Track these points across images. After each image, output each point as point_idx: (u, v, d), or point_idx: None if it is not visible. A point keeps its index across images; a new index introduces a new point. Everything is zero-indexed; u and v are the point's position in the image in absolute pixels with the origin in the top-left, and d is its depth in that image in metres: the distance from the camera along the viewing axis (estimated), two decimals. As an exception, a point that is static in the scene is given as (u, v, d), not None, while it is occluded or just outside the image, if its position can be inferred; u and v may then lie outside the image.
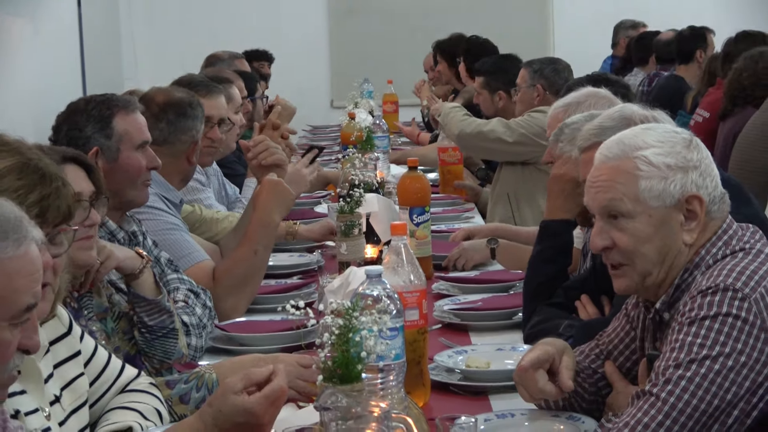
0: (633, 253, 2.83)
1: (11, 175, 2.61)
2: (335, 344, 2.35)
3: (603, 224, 2.86)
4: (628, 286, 2.90)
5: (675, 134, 2.87)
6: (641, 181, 2.80)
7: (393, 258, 3.22)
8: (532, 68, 6.53)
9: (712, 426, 2.67)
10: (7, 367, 2.24)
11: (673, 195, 2.80)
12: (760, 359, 2.67)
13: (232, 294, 4.16)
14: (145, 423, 2.95)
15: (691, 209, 2.81)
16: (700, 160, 2.83)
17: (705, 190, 2.82)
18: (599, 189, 2.86)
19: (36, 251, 2.24)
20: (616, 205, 2.82)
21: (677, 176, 2.80)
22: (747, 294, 2.69)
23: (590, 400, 3.09)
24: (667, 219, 2.82)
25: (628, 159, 2.82)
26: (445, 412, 2.95)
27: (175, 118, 4.56)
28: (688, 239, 2.82)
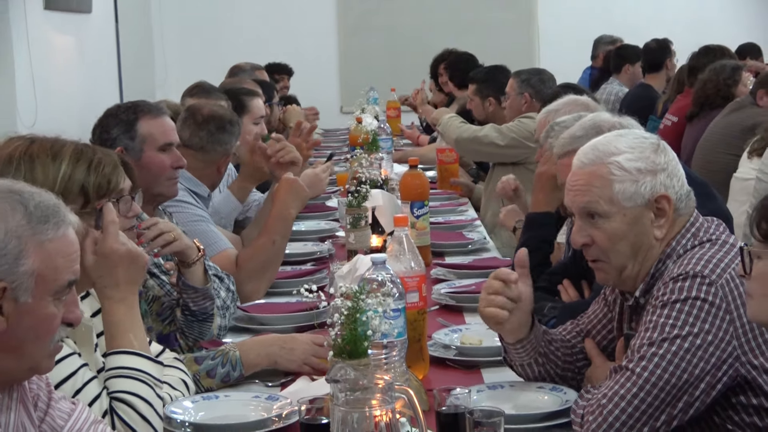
0: (609, 250, 2.84)
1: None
2: (344, 324, 2.35)
3: (582, 223, 2.86)
4: (606, 279, 2.91)
5: (644, 140, 2.87)
6: (615, 185, 2.80)
7: (396, 247, 3.22)
8: (520, 78, 6.53)
9: (681, 398, 2.67)
10: (53, 338, 2.25)
11: (644, 195, 2.80)
12: (724, 338, 2.67)
13: (253, 279, 4.16)
14: (174, 393, 2.95)
15: (661, 207, 2.81)
16: (667, 163, 2.84)
17: (672, 190, 2.82)
18: (577, 192, 2.86)
19: (73, 234, 2.25)
20: (593, 206, 2.82)
21: (647, 179, 2.80)
22: (713, 280, 2.69)
23: (564, 368, 3.08)
24: (639, 217, 2.82)
25: (602, 164, 2.82)
26: (442, 384, 2.95)
27: (215, 130, 4.59)
28: (658, 234, 2.83)
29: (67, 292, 2.24)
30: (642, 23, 10.83)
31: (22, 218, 2.16)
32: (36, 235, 2.17)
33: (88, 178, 2.73)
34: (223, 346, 3.31)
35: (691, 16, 11.15)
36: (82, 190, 2.72)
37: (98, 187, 2.74)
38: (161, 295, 3.58)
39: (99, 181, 2.75)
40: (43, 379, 2.37)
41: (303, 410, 2.76)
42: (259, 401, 3.02)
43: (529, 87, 6.42)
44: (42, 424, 2.36)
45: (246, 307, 3.98)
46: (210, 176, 4.64)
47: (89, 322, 2.83)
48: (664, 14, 11.18)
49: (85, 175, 2.73)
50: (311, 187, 4.61)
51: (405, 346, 2.86)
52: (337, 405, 2.29)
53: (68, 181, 2.70)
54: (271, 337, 3.41)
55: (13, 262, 2.14)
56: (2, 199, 2.17)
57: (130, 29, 9.18)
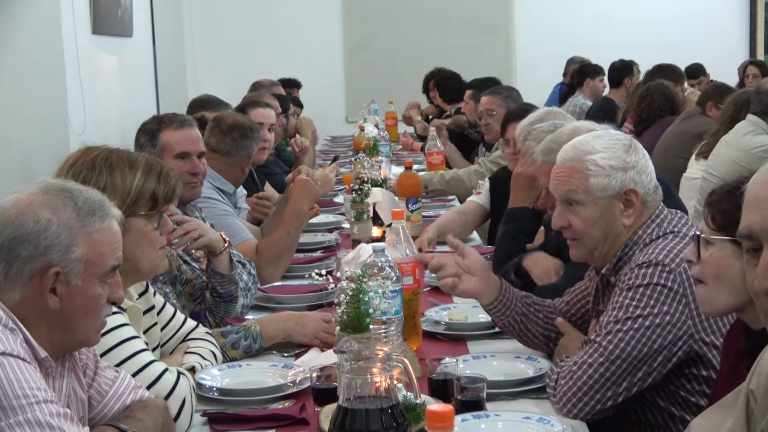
0: (583, 233, 2.86)
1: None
2: (349, 303, 2.35)
3: (562, 208, 2.88)
4: (580, 255, 2.93)
5: (618, 141, 2.88)
6: (590, 179, 2.81)
7: (393, 237, 3.22)
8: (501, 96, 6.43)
9: (641, 368, 2.67)
10: (100, 315, 2.25)
11: (615, 189, 2.81)
12: (680, 319, 2.68)
13: (271, 264, 4.15)
14: (204, 362, 2.96)
15: (629, 199, 2.83)
16: (637, 161, 2.85)
17: (641, 185, 2.83)
18: (559, 182, 2.88)
19: (116, 226, 2.26)
20: (571, 195, 2.84)
21: (618, 174, 2.81)
22: (673, 268, 2.70)
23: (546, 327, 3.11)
24: (609, 207, 2.83)
25: (580, 161, 2.84)
26: (433, 354, 2.96)
27: (238, 137, 4.60)
28: (626, 222, 2.84)
29: (112, 276, 2.24)
30: (608, 44, 10.79)
31: (72, 212, 2.17)
32: (84, 227, 2.17)
33: (158, 187, 2.74)
34: (246, 322, 3.31)
35: (650, 37, 11.12)
36: (152, 197, 2.73)
37: (165, 195, 2.76)
38: (193, 278, 3.59)
39: (166, 190, 2.76)
40: (90, 350, 2.37)
41: (314, 377, 2.77)
42: (276, 369, 3.02)
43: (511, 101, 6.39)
44: (90, 389, 2.37)
45: (265, 289, 3.97)
46: (235, 176, 4.65)
47: (137, 303, 2.84)
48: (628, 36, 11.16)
49: (155, 184, 2.74)
50: (321, 186, 4.62)
51: (401, 322, 2.86)
52: (343, 372, 2.28)
53: (142, 188, 2.71)
54: (286, 314, 3.41)
55: (65, 250, 2.14)
56: (55, 196, 2.18)
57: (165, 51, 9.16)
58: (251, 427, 2.60)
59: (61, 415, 2.05)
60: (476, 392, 2.60)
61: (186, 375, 2.67)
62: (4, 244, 2.12)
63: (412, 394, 2.43)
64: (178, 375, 2.63)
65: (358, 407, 2.25)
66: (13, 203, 2.16)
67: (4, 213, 2.14)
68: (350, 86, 11.70)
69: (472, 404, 2.58)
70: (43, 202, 2.16)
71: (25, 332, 2.13)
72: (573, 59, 10.53)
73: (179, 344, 3.03)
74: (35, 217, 2.13)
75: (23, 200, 2.16)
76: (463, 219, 5.03)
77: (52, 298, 2.15)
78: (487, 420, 2.51)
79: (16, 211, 2.14)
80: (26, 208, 2.14)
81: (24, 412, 2.00)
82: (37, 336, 2.15)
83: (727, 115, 6.12)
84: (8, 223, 2.13)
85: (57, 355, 2.23)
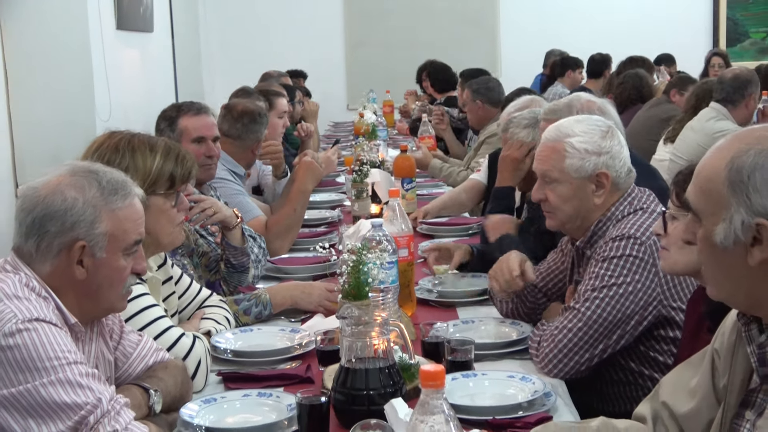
0: (557, 208, 2.86)
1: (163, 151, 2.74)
2: (350, 273, 2.34)
3: (541, 183, 2.89)
4: (553, 225, 2.93)
5: (597, 127, 2.86)
6: (566, 160, 2.81)
7: (390, 213, 3.21)
8: (471, 89, 6.46)
9: (615, 331, 2.68)
10: (125, 285, 2.25)
11: (588, 171, 2.81)
12: (650, 286, 2.69)
13: (279, 238, 4.14)
14: (219, 327, 2.96)
15: (600, 181, 2.82)
16: (611, 147, 2.83)
17: (613, 169, 2.82)
18: (540, 160, 2.89)
19: (138, 204, 2.26)
20: (549, 172, 2.84)
21: (592, 158, 2.81)
22: (643, 241, 2.70)
23: (530, 306, 3.11)
24: (582, 187, 2.82)
25: (559, 142, 2.83)
26: (426, 319, 2.95)
27: (248, 122, 4.58)
28: (597, 202, 2.83)
29: (135, 249, 2.24)
30: (583, 37, 10.77)
31: (97, 191, 2.16)
32: (107, 204, 2.17)
33: (176, 168, 2.74)
34: (257, 291, 3.31)
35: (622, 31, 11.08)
36: (170, 177, 2.72)
37: (182, 176, 2.76)
38: (208, 251, 3.58)
39: (183, 171, 2.76)
40: (116, 316, 2.37)
41: (318, 340, 2.77)
42: (284, 333, 3.02)
43: (479, 95, 6.38)
44: (116, 351, 2.37)
45: (274, 260, 3.97)
46: (246, 158, 4.64)
47: (157, 274, 2.84)
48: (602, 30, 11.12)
49: (173, 166, 2.73)
50: (324, 167, 4.62)
51: (397, 291, 2.86)
52: (345, 336, 2.28)
53: (161, 169, 2.71)
54: (293, 284, 3.41)
55: (90, 226, 2.14)
56: (82, 177, 2.18)
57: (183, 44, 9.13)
58: (262, 385, 2.60)
59: (90, 375, 2.06)
60: (465, 354, 2.60)
61: (201, 338, 2.67)
62: (35, 220, 2.13)
63: (407, 356, 2.43)
64: (194, 339, 2.64)
65: (358, 367, 2.25)
66: (43, 184, 2.17)
67: (36, 193, 2.15)
68: (351, 77, 11.67)
69: (462, 364, 2.58)
70: (70, 182, 2.16)
71: (56, 300, 2.14)
72: (552, 52, 10.52)
73: (196, 311, 3.03)
74: (63, 196, 2.13)
75: (53, 181, 2.16)
76: (465, 196, 5.02)
77: (79, 270, 2.15)
78: (474, 379, 2.51)
79: (46, 191, 2.14)
80: (55, 188, 2.15)
81: (56, 372, 2.00)
82: (67, 304, 2.15)
83: (691, 103, 6.14)
84: (39, 201, 2.13)
85: (86, 321, 2.23)
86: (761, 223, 1.63)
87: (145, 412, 2.23)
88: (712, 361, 1.92)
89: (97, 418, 2.01)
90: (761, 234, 1.63)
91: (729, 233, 1.66)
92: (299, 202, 4.26)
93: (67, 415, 2.00)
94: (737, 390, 1.79)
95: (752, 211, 1.63)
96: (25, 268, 2.14)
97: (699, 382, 1.94)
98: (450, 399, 1.69)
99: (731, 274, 1.70)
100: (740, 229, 1.64)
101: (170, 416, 2.32)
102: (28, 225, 2.13)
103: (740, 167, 1.65)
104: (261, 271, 3.78)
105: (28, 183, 2.22)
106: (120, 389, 2.21)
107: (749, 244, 1.65)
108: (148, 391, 2.27)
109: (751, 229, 1.63)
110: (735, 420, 1.79)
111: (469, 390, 2.44)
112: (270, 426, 2.26)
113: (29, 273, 2.13)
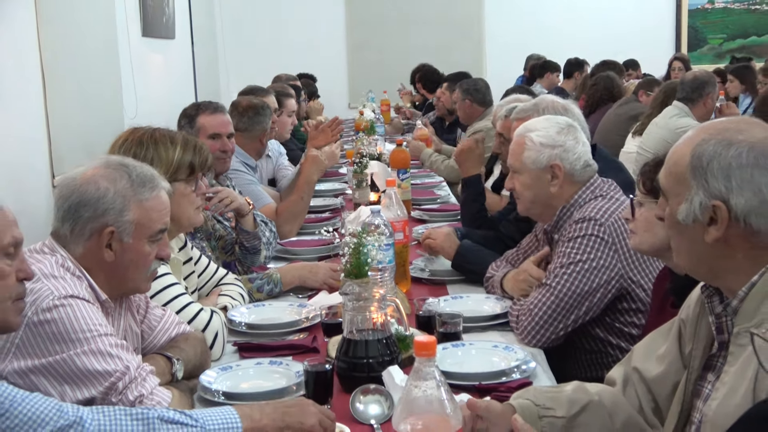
0: (521, 195, 2.90)
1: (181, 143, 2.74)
2: (351, 254, 2.33)
3: (510, 173, 2.92)
4: (521, 210, 2.96)
5: (556, 123, 2.88)
6: (525, 152, 2.84)
7: (387, 200, 3.20)
8: (461, 89, 6.44)
9: (583, 303, 2.69)
10: (149, 268, 2.24)
11: (543, 162, 2.83)
12: (611, 263, 2.70)
13: (288, 223, 4.14)
14: (234, 302, 2.96)
15: (554, 172, 2.84)
16: (565, 142, 2.84)
17: (566, 161, 2.84)
18: (509, 153, 2.92)
19: (165, 196, 2.24)
20: (514, 164, 2.89)
21: (546, 151, 2.83)
22: (603, 222, 2.71)
23: None
24: (539, 176, 2.85)
25: (522, 137, 2.87)
26: (420, 295, 2.96)
27: (253, 115, 4.58)
28: (553, 190, 2.85)
29: (160, 237, 2.23)
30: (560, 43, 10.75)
31: (127, 183, 2.16)
32: (136, 195, 2.16)
33: (194, 157, 2.73)
34: (268, 270, 3.31)
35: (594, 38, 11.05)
36: (189, 165, 2.72)
37: (200, 164, 2.75)
38: (224, 235, 3.58)
39: (201, 159, 2.75)
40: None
41: (323, 314, 2.77)
42: (293, 308, 3.02)
43: (468, 95, 6.36)
44: (142, 324, 2.36)
45: (283, 243, 3.96)
46: (255, 147, 4.63)
47: (178, 255, 2.83)
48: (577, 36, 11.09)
49: (192, 155, 2.73)
50: (328, 160, 4.61)
51: (393, 270, 2.85)
52: (347, 310, 2.28)
53: (181, 158, 2.71)
54: (301, 264, 3.41)
55: (119, 213, 2.14)
56: (114, 169, 2.18)
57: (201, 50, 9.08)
58: (272, 354, 2.60)
59: (119, 345, 2.05)
60: (454, 326, 2.60)
61: (218, 313, 2.67)
62: (71, 206, 2.13)
63: (403, 328, 2.43)
64: (212, 313, 2.64)
65: (359, 338, 2.25)
66: (80, 175, 2.17)
67: (73, 182, 2.16)
68: (352, 79, 11.64)
69: (451, 335, 2.58)
70: (103, 174, 2.16)
71: (89, 279, 2.14)
72: (531, 56, 10.54)
73: (213, 288, 3.03)
74: (96, 185, 2.13)
75: (88, 172, 2.17)
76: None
77: (107, 252, 2.15)
78: (463, 348, 2.51)
79: (81, 180, 2.15)
80: (90, 179, 2.15)
81: (88, 343, 2.00)
82: (98, 282, 2.15)
83: (657, 102, 6.16)
84: (74, 190, 2.14)
85: (115, 298, 2.23)
86: (717, 205, 1.64)
87: (169, 379, 2.23)
88: (679, 331, 1.93)
89: (125, 384, 2.01)
90: (717, 215, 1.65)
91: (690, 212, 1.68)
92: (305, 191, 4.26)
93: (99, 382, 2.00)
94: (700, 355, 1.80)
95: (709, 194, 1.65)
96: (61, 249, 2.14)
97: (667, 349, 1.95)
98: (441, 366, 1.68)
99: (693, 249, 1.72)
100: (699, 210, 1.66)
101: (191, 382, 2.32)
102: (65, 210, 2.14)
103: (701, 155, 1.66)
104: (272, 252, 3.77)
105: (66, 173, 2.23)
106: (146, 358, 2.20)
107: (706, 223, 1.67)
108: (171, 359, 2.27)
109: (708, 210, 1.65)
110: (698, 382, 1.80)
111: (458, 358, 2.44)
112: (280, 391, 2.26)
113: (64, 254, 2.13)
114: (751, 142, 1.64)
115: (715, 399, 1.67)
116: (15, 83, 4.08)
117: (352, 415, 2.10)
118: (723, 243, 1.66)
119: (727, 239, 1.65)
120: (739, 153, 1.63)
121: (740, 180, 1.62)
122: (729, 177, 1.63)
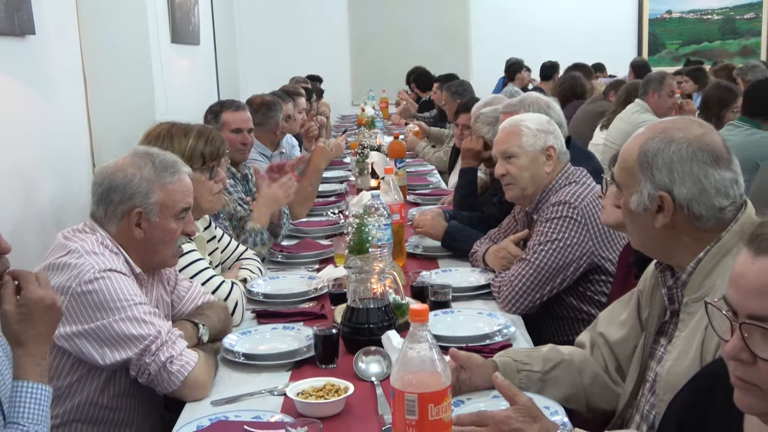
0: (516, 177, 2.85)
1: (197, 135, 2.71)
2: (355, 233, 2.33)
3: (501, 161, 2.88)
4: (512, 195, 2.91)
5: (542, 117, 2.91)
6: (523, 137, 2.82)
7: (385, 186, 3.20)
8: (450, 91, 6.40)
9: (558, 275, 2.68)
10: (176, 244, 2.24)
11: (540, 145, 2.82)
12: (583, 241, 2.68)
13: (299, 206, 4.12)
14: (252, 275, 2.95)
15: (549, 154, 2.82)
16: (554, 130, 2.86)
17: (557, 144, 2.84)
18: (500, 143, 2.88)
19: (187, 179, 2.23)
20: (509, 149, 2.85)
21: (542, 135, 2.82)
22: (576, 205, 2.70)
23: None
24: (536, 158, 2.82)
25: (516, 126, 2.85)
26: (414, 269, 2.94)
27: (266, 111, 4.58)
28: (547, 170, 2.83)
29: (184, 215, 2.22)
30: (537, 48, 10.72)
31: (151, 169, 2.16)
32: (159, 179, 2.16)
33: (206, 147, 2.70)
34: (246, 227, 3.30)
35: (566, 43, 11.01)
36: (201, 155, 2.68)
37: (211, 154, 2.71)
38: (245, 215, 3.55)
39: (211, 149, 2.71)
40: (172, 267, 2.36)
41: (330, 285, 2.76)
42: (303, 279, 3.01)
43: (457, 95, 6.33)
44: (172, 294, 2.36)
45: (295, 223, 3.94)
46: (271, 139, 4.63)
47: (203, 234, 2.82)
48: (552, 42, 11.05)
49: (204, 146, 2.69)
50: (334, 151, 4.61)
51: (391, 247, 2.84)
52: (351, 282, 2.28)
53: (194, 149, 2.67)
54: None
55: (145, 196, 2.14)
56: (140, 158, 2.18)
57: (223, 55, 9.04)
58: (286, 320, 2.60)
59: (152, 313, 2.05)
60: (444, 295, 2.60)
61: (238, 284, 2.66)
62: (103, 192, 2.14)
63: (399, 297, 2.43)
64: (232, 284, 2.63)
65: (361, 306, 2.25)
66: (113, 164, 2.18)
67: (105, 170, 2.16)
68: (354, 80, 11.59)
69: (442, 304, 2.58)
70: (131, 162, 2.16)
71: (124, 254, 2.13)
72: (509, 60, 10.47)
73: (234, 263, 3.02)
74: (124, 173, 2.13)
75: (119, 162, 2.17)
76: None
77: (137, 231, 2.14)
78: (452, 315, 2.51)
79: (113, 169, 2.16)
80: (119, 167, 2.15)
81: (125, 311, 2.00)
82: (132, 257, 2.15)
83: (621, 99, 6.15)
84: (106, 177, 2.15)
85: (148, 271, 2.22)
86: (663, 195, 1.65)
87: (195, 342, 2.23)
88: (638, 300, 1.94)
89: (158, 347, 2.01)
90: (663, 204, 1.66)
91: (640, 202, 1.68)
92: (314, 178, 4.25)
93: (135, 344, 2.00)
94: (655, 322, 1.82)
95: (656, 185, 1.66)
96: (99, 229, 2.14)
97: (628, 315, 1.96)
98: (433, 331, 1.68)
99: (645, 234, 1.72)
100: (647, 200, 1.67)
101: (215, 345, 2.32)
102: (99, 195, 2.14)
103: (647, 151, 1.67)
104: (285, 231, 3.76)
105: (101, 164, 2.23)
106: (175, 324, 2.20)
107: (655, 211, 1.67)
108: (198, 325, 2.27)
109: (656, 199, 1.66)
110: (653, 345, 1.82)
111: (447, 323, 2.44)
112: (293, 352, 2.26)
113: (103, 233, 2.13)
114: (690, 139, 1.65)
115: (668, 360, 1.69)
116: (61, 86, 4.10)
117: (356, 373, 2.10)
118: (671, 228, 1.67)
119: (674, 224, 1.66)
120: (679, 148, 1.64)
121: (681, 172, 1.63)
122: (672, 170, 1.64)
